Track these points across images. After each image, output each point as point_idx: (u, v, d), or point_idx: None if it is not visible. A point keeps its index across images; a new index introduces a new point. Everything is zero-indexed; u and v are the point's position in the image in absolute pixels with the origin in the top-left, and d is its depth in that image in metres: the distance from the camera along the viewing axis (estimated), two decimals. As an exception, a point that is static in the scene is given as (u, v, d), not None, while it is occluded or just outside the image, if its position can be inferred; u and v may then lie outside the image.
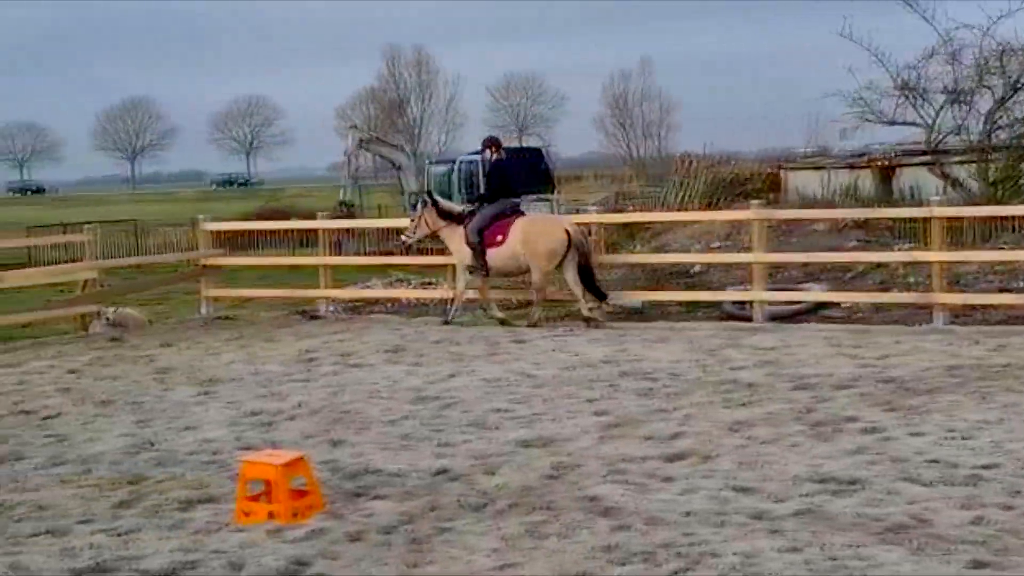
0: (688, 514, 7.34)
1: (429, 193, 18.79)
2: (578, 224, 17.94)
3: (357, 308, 20.54)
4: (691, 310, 18.39)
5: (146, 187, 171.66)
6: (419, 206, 18.08)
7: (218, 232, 22.13)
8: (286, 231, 28.35)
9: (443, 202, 18.45)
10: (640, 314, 18.34)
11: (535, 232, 16.98)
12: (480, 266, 17.09)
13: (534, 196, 35.96)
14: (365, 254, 28.29)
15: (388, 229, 30.79)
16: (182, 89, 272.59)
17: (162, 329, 18.67)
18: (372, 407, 11.27)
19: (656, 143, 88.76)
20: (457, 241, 17.43)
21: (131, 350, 15.97)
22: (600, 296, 17.14)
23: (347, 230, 27.98)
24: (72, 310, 18.64)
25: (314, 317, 19.23)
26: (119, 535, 7.40)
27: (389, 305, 20.61)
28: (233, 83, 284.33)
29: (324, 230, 20.95)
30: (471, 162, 37.82)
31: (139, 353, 15.62)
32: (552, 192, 37.76)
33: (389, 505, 7.81)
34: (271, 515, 7.51)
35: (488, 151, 18.30)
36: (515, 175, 18.70)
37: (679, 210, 32.45)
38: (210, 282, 20.40)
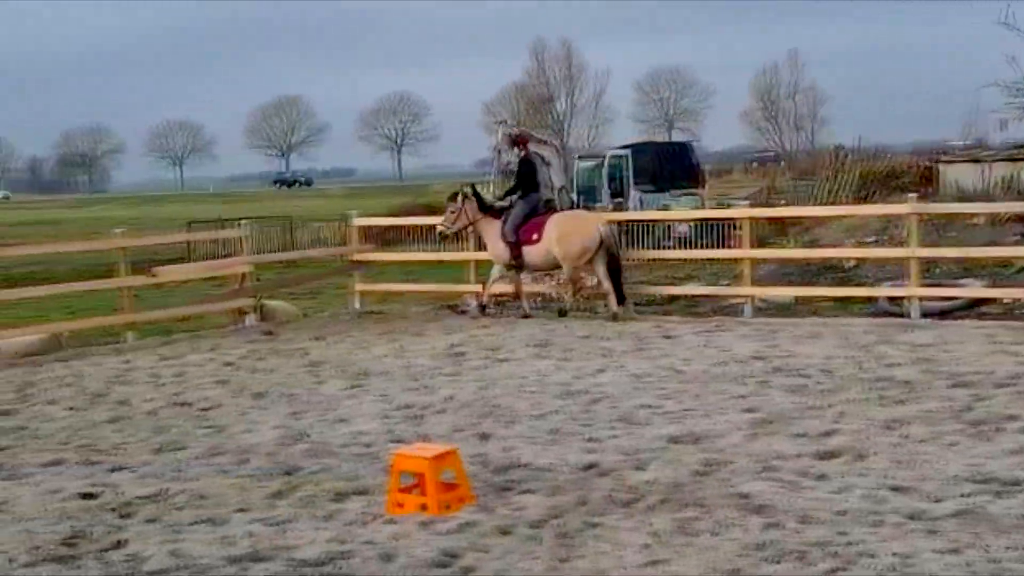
0: (842, 513, 7.22)
1: (473, 187, 19.11)
2: (610, 223, 18.66)
3: (504, 303, 20.60)
4: (844, 306, 18.03)
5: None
6: (459, 198, 18.45)
7: (368, 228, 22.43)
8: (433, 227, 28.61)
9: (483, 197, 18.88)
10: (790, 310, 18.06)
11: (569, 229, 17.67)
12: (516, 263, 17.89)
13: (681, 191, 35.70)
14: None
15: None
16: (333, 87, 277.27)
17: (314, 323, 19.01)
18: (520, 401, 11.32)
19: (807, 137, 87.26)
20: (493, 236, 18.14)
21: (284, 343, 16.31)
22: (621, 298, 17.52)
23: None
24: (228, 304, 19.09)
25: (463, 312, 19.39)
26: (275, 525, 7.58)
27: (536, 300, 20.62)
28: (382, 80, 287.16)
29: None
30: (619, 156, 37.67)
31: (292, 346, 15.94)
32: (699, 187, 37.38)
33: (538, 499, 7.84)
34: (422, 507, 7.61)
35: (516, 147, 19.02)
36: (541, 172, 19.48)
37: (830, 204, 31.89)
38: (361, 277, 20.74)
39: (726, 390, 11.43)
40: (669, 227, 29.25)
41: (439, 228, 19.04)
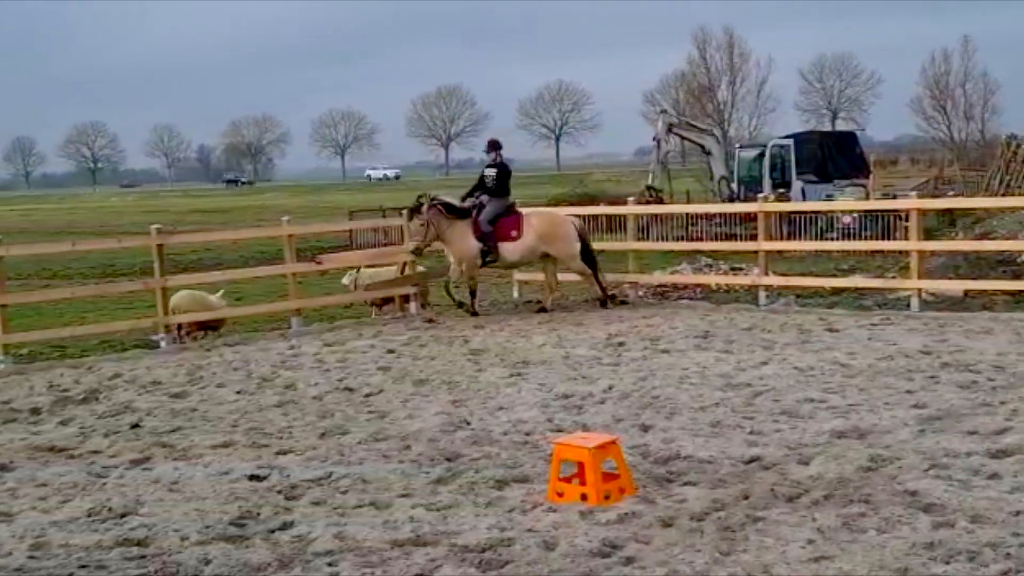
0: (1017, 514, 6.99)
1: (432, 197, 18.42)
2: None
3: (664, 293, 20.48)
4: (1018, 301, 17.42)
5: (456, 173, 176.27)
6: (425, 208, 18.02)
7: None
8: (594, 216, 28.53)
9: (450, 201, 18.45)
10: (960, 304, 17.55)
11: (554, 227, 18.33)
12: (488, 259, 18.04)
13: (847, 182, 34.92)
14: (673, 239, 28.14)
15: (695, 214, 30.69)
16: (494, 76, 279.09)
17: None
18: (682, 393, 11.23)
19: (978, 126, 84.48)
20: (461, 235, 18.11)
21: (445, 331, 16.49)
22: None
23: (654, 215, 27.86)
24: (391, 291, 19.35)
25: (622, 302, 19.32)
26: (437, 510, 7.66)
27: (697, 290, 20.45)
28: (542, 70, 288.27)
29: (631, 215, 20.98)
30: (782, 146, 37.01)
31: (453, 334, 16.10)
32: (865, 177, 36.52)
33: (700, 492, 7.77)
34: (583, 497, 7.61)
35: (492, 153, 18.72)
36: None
37: (1004, 195, 30.89)
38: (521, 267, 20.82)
39: (893, 385, 11.16)
40: (834, 218, 28.64)
41: (414, 245, 18.28)
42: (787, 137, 38.99)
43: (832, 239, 26.34)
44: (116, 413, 11.61)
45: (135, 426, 10.90)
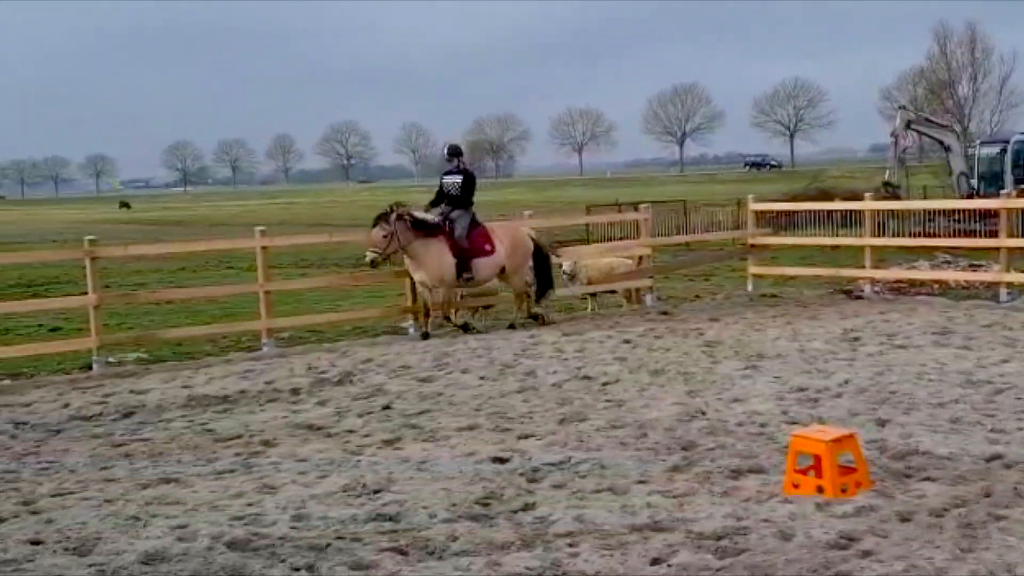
0: None
1: (394, 205, 16.31)
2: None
3: (901, 289, 19.87)
4: None
5: (691, 169, 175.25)
6: (393, 219, 15.87)
7: (763, 212, 22.19)
8: (829, 212, 27.98)
9: (416, 213, 16.35)
10: None
11: (519, 241, 16.69)
12: (465, 277, 16.22)
13: None
14: (910, 235, 27.32)
15: (933, 211, 29.70)
16: (730, 74, 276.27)
17: (709, 304, 19.01)
18: (919, 389, 10.88)
19: None
20: (434, 255, 16.02)
21: (680, 323, 16.39)
22: (541, 297, 17.13)
23: (891, 211, 27.12)
24: (625, 285, 19.35)
25: (857, 297, 18.86)
26: (674, 497, 7.63)
27: (935, 287, 19.76)
28: (778, 67, 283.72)
29: (868, 211, 20.43)
30: (1024, 142, 35.59)
31: (688, 326, 15.99)
32: None
33: (939, 488, 7.51)
34: (819, 489, 7.47)
35: (454, 160, 16.86)
36: None
37: None
38: (756, 260, 20.58)
39: None
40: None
41: (368, 256, 16.07)
42: (1034, 132, 37.40)
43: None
44: (369, 395, 11.97)
45: (386, 408, 11.21)
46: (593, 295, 19.19)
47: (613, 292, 19.34)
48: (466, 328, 16.47)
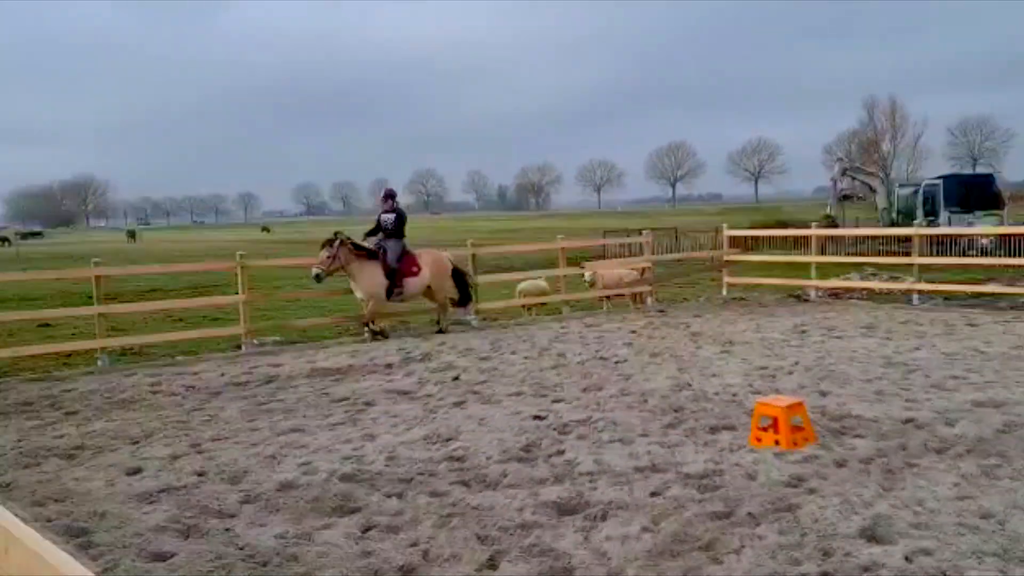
0: None
1: (338, 233, 15.37)
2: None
3: (838, 294, 19.62)
4: None
5: (680, 205, 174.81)
6: (336, 243, 14.91)
7: (734, 237, 22.00)
8: (784, 237, 27.67)
9: (359, 243, 15.40)
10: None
11: (439, 264, 15.85)
12: (395, 291, 15.26)
13: (983, 212, 32.82)
14: (845, 254, 27.01)
15: (862, 236, 29.39)
16: (709, 134, 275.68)
17: (693, 305, 18.87)
18: (852, 368, 10.74)
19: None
20: (371, 273, 15.07)
21: (672, 319, 16.28)
22: (465, 302, 16.28)
23: (830, 236, 26.84)
24: (633, 289, 19.25)
25: (805, 300, 18.65)
26: (667, 447, 7.57)
27: (863, 293, 19.51)
28: (745, 128, 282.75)
29: (814, 236, 20.23)
30: (933, 185, 35.18)
31: (678, 321, 15.88)
32: (1000, 209, 34.03)
33: (867, 443, 7.40)
34: (776, 443, 7.38)
35: (389, 202, 15.77)
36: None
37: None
38: (728, 272, 20.41)
39: (1023, 368, 10.35)
40: (972, 240, 26.82)
41: (314, 270, 14.82)
42: (937, 178, 36.95)
43: (972, 255, 24.67)
44: (442, 369, 11.97)
45: (455, 379, 11.21)
46: (608, 297, 19.11)
47: (622, 295, 19.24)
48: (382, 334, 15.17)
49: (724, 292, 20.13)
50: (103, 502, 6.62)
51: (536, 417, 8.83)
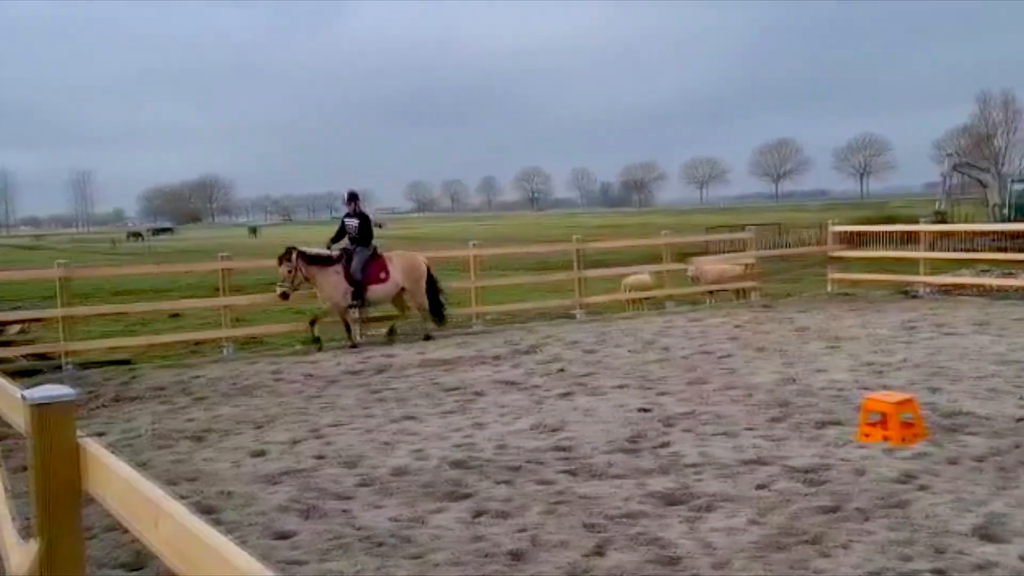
0: None
1: (294, 248, 14.31)
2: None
3: (948, 291, 18.89)
4: None
5: (784, 201, 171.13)
6: (294, 257, 14.03)
7: (841, 232, 21.40)
8: (892, 233, 26.79)
9: (310, 250, 14.43)
10: None
11: (412, 268, 14.76)
12: (359, 301, 14.37)
13: None
14: (955, 251, 26.01)
15: (974, 232, 28.27)
16: (815, 130, 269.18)
17: (798, 301, 18.43)
18: (963, 365, 10.31)
19: None
20: (333, 281, 14.17)
21: (777, 314, 15.94)
22: (441, 318, 15.02)
23: (941, 233, 25.90)
24: (736, 285, 18.93)
25: (914, 296, 18.02)
26: (773, 441, 7.43)
27: (975, 290, 18.72)
28: (851, 125, 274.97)
29: (923, 232, 19.55)
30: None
31: (783, 316, 15.53)
32: None
33: (980, 440, 7.12)
34: (885, 438, 7.16)
35: (352, 204, 14.81)
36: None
37: None
38: (834, 268, 19.87)
39: None
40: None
41: (279, 289, 14.02)
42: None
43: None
44: (549, 361, 11.99)
45: (561, 370, 11.21)
46: (711, 292, 18.82)
47: (726, 290, 18.94)
48: (316, 341, 14.21)
49: (830, 288, 19.59)
50: (230, 482, 6.87)
51: (641, 409, 8.76)
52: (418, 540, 5.48)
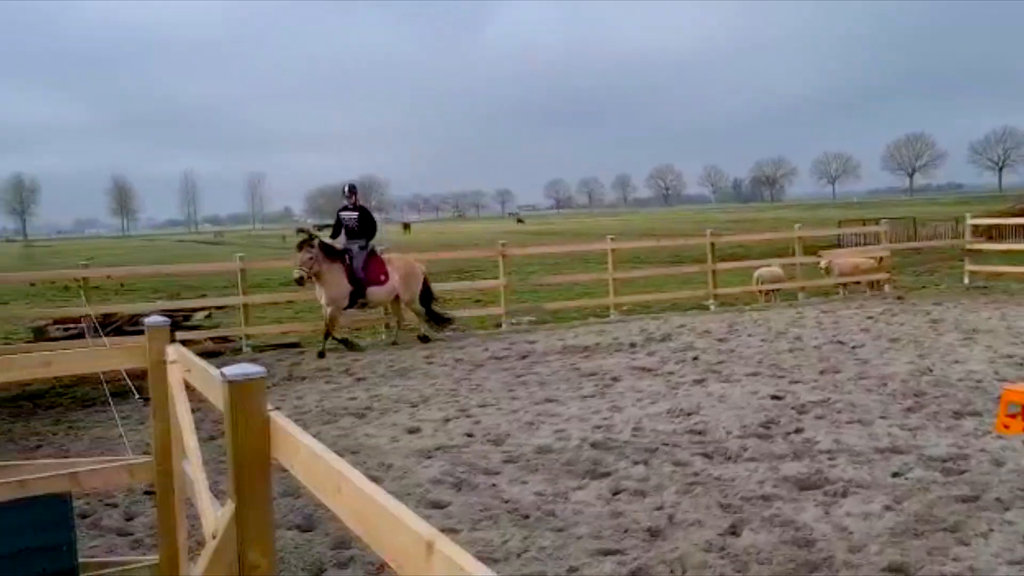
0: None
1: (311, 233, 13.21)
2: None
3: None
4: None
5: (918, 195, 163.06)
6: (315, 245, 12.85)
7: (977, 225, 20.23)
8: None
9: (328, 242, 13.29)
10: None
11: (410, 272, 13.64)
12: (358, 301, 13.25)
13: None
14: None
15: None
16: (951, 124, 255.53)
17: (932, 293, 17.55)
18: (1109, 359, 9.61)
19: None
20: (338, 279, 13.00)
21: (911, 306, 15.22)
22: (439, 321, 14.00)
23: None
24: (867, 278, 18.18)
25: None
26: (908, 430, 7.11)
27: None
28: (988, 116, 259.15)
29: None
30: None
31: (917, 308, 14.83)
32: None
33: None
34: (1026, 430, 6.75)
35: (352, 197, 13.54)
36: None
37: None
38: (971, 261, 18.82)
39: None
40: None
41: (297, 273, 12.73)
42: None
43: None
44: (682, 349, 11.84)
45: (695, 358, 11.05)
46: (844, 284, 18.14)
47: (858, 283, 18.21)
48: (348, 344, 13.32)
49: (966, 281, 18.57)
50: (389, 455, 7.09)
51: (774, 397, 8.53)
52: (561, 514, 5.52)
